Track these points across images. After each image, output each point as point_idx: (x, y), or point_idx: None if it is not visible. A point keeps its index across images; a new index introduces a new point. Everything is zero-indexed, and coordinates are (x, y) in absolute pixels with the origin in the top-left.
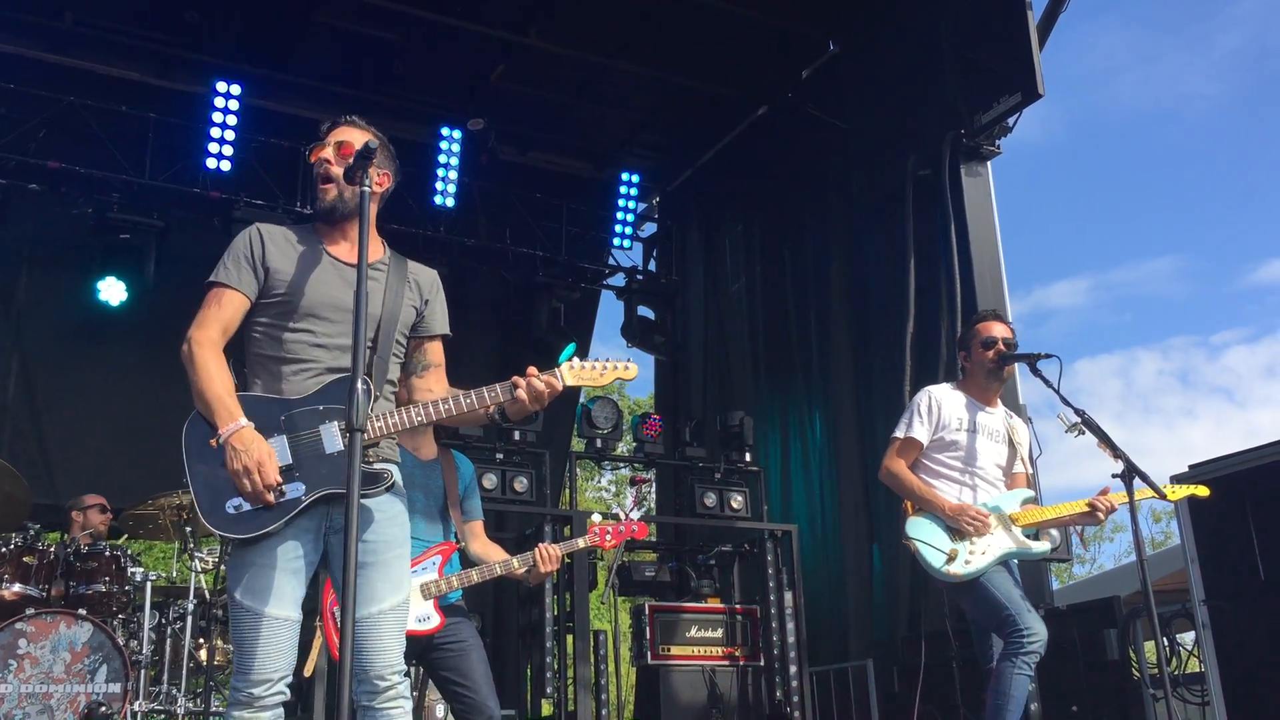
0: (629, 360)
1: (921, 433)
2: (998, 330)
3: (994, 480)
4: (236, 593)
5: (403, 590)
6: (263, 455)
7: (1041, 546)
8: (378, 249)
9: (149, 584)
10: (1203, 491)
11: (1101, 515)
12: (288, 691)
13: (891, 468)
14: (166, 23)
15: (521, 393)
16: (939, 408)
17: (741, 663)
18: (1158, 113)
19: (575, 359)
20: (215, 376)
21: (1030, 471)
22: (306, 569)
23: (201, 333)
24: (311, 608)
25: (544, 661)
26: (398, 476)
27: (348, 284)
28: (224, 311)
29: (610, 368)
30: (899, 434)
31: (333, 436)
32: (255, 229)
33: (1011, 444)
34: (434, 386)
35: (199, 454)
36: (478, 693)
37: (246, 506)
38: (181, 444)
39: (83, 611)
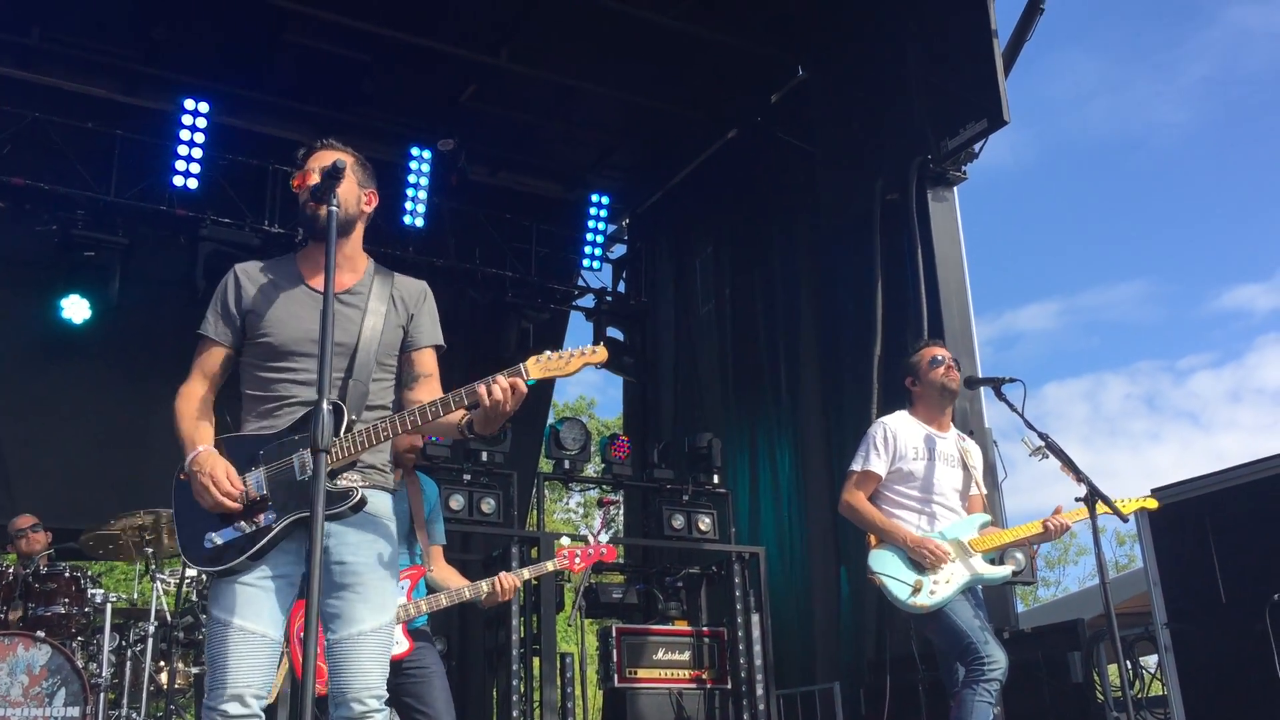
0: (597, 346)
1: (878, 465)
2: (941, 351)
3: (953, 506)
4: (212, 608)
5: (386, 613)
6: (219, 468)
7: (1002, 572)
8: (360, 270)
9: (109, 606)
10: (1151, 504)
11: (1054, 534)
12: (263, 716)
13: (851, 501)
14: (134, 39)
15: (483, 392)
16: (894, 438)
17: (709, 685)
18: (1126, 139)
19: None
20: (183, 418)
21: (984, 493)
22: (287, 589)
23: (185, 385)
24: None
25: (510, 684)
26: (384, 502)
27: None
28: (205, 363)
29: (578, 354)
30: (856, 467)
31: (303, 464)
32: (233, 273)
33: (966, 467)
34: (423, 397)
35: (182, 492)
36: None
37: (220, 540)
38: (172, 483)
39: (41, 633)
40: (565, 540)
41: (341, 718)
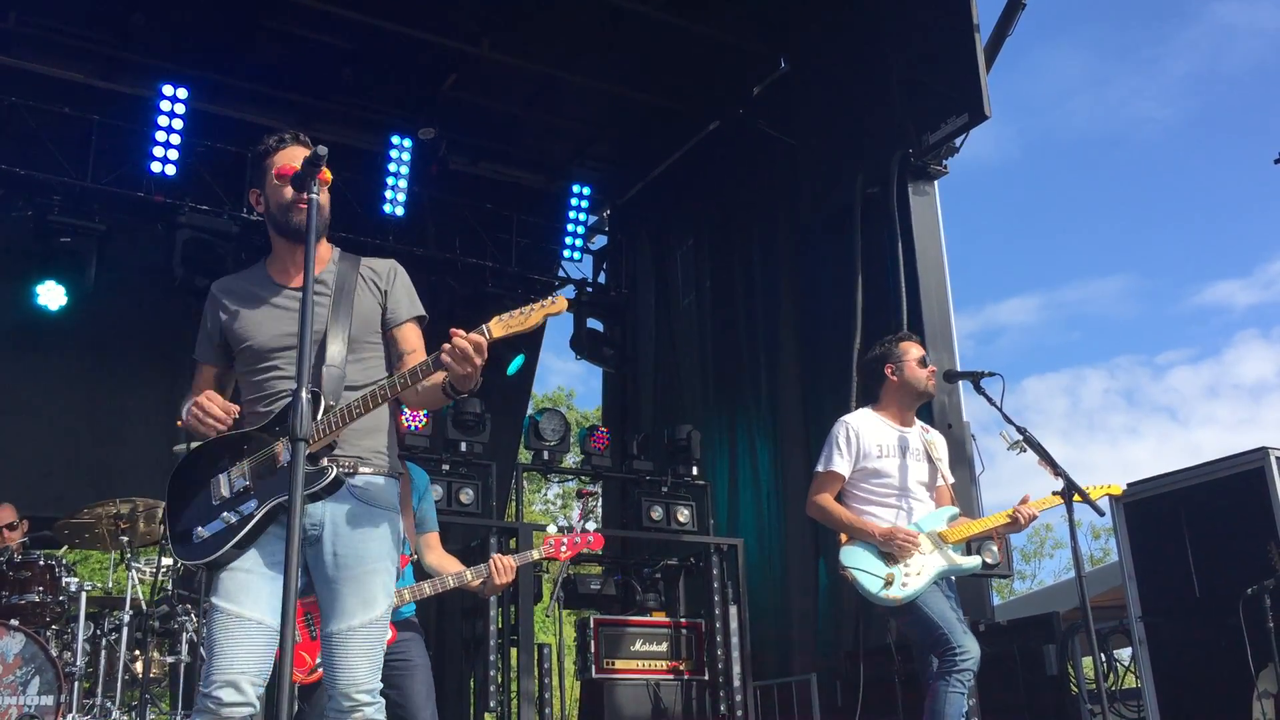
0: (555, 296)
1: (842, 465)
2: (921, 350)
3: (923, 500)
4: (210, 596)
5: (375, 607)
6: (210, 400)
7: (973, 562)
8: (325, 259)
9: (84, 594)
10: (1115, 490)
11: (1023, 523)
12: (256, 705)
13: (818, 501)
14: (112, 25)
15: (446, 356)
16: (857, 437)
17: (686, 677)
18: (1109, 135)
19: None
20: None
21: (951, 481)
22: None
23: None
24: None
25: (487, 675)
26: (383, 488)
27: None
28: (199, 383)
29: (538, 307)
30: (820, 468)
31: (279, 453)
32: (210, 294)
33: (931, 460)
34: None
35: (177, 493)
36: (417, 716)
37: (206, 533)
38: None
39: (15, 622)
40: (551, 529)
41: (333, 710)
